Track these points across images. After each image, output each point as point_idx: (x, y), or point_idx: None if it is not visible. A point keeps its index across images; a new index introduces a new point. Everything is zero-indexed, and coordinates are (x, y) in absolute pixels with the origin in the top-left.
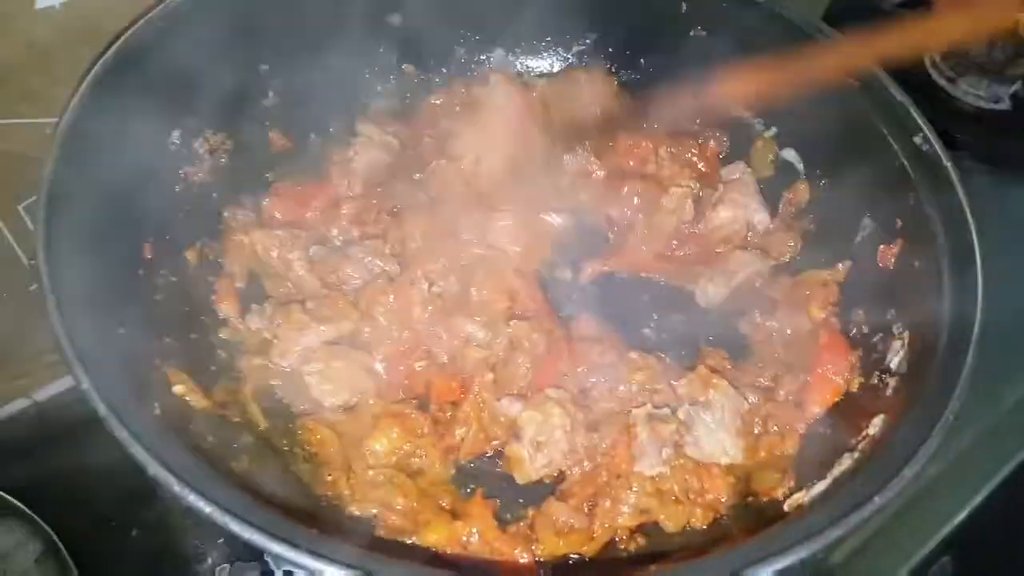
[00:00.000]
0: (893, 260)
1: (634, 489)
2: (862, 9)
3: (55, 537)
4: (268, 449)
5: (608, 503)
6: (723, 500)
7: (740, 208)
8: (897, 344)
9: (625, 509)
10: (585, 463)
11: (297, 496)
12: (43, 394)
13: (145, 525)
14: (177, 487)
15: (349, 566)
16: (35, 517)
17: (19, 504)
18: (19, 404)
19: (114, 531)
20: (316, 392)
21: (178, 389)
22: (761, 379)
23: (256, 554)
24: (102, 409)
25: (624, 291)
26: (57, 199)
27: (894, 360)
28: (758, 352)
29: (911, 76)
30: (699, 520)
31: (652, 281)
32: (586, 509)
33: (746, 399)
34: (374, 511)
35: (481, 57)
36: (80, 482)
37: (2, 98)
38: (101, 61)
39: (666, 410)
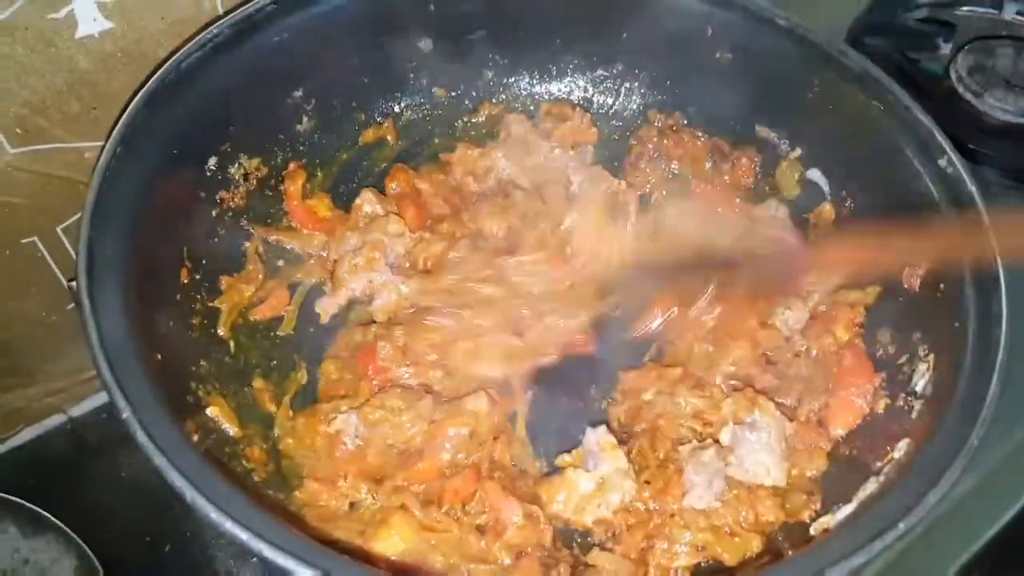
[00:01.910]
0: (918, 282)
1: (688, 526)
2: (885, 28)
3: (90, 552)
4: None
5: (665, 544)
6: (771, 521)
7: None
8: (923, 367)
9: (683, 549)
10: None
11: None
12: (78, 410)
13: (179, 541)
14: (214, 514)
15: None
16: (70, 533)
17: (54, 520)
18: (55, 420)
19: (148, 547)
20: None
21: (212, 411)
22: (787, 399)
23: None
24: (140, 436)
25: None
26: (98, 225)
27: (920, 383)
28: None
29: (936, 89)
30: (757, 547)
31: None
32: (634, 555)
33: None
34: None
35: (508, 80)
36: (115, 497)
37: (43, 123)
38: (142, 92)
39: (708, 441)
